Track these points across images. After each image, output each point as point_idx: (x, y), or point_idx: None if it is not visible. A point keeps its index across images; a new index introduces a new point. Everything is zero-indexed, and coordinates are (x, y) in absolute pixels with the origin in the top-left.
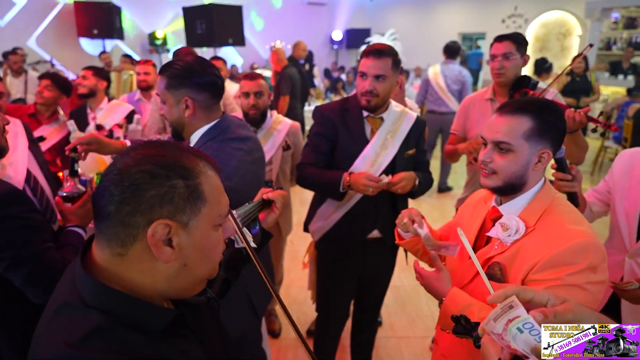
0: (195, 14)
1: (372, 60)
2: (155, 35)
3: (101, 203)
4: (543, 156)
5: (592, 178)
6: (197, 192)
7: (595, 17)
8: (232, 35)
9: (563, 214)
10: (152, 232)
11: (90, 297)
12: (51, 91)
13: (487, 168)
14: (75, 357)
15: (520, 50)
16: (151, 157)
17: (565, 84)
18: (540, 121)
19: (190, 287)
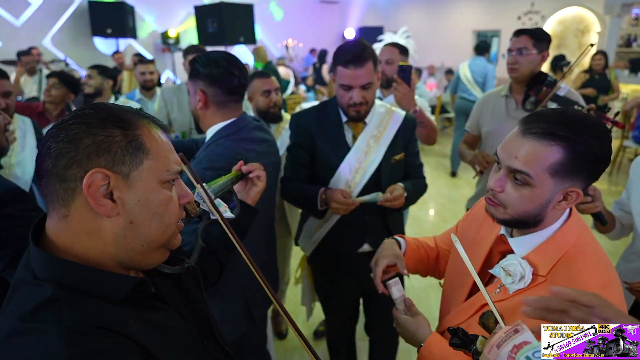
0: (207, 13)
1: (354, 70)
2: (168, 34)
3: (40, 160)
4: (570, 195)
5: (611, 178)
6: (137, 142)
7: (614, 13)
8: (243, 33)
9: (586, 266)
10: (88, 182)
11: (40, 271)
12: (59, 89)
13: (494, 198)
14: (27, 329)
15: (538, 46)
16: (89, 112)
17: (583, 81)
18: (575, 153)
19: (143, 250)
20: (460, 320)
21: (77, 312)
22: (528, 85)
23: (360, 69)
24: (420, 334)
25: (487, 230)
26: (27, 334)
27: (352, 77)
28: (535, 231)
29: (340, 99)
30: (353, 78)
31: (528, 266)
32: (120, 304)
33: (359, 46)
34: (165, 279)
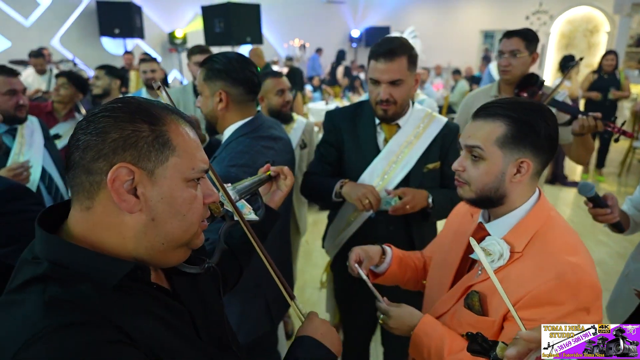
0: (214, 13)
1: (384, 63)
2: (175, 35)
3: (69, 152)
4: (522, 166)
5: (620, 180)
6: (164, 139)
7: (624, 13)
8: (250, 33)
9: (557, 239)
10: (113, 176)
11: (40, 250)
12: (67, 89)
13: (459, 177)
14: (10, 300)
15: (530, 47)
16: (118, 105)
17: (592, 81)
18: (516, 126)
19: (163, 248)
20: (448, 306)
21: (62, 288)
22: (518, 85)
23: (390, 63)
24: (414, 318)
25: (466, 225)
26: (9, 305)
27: (380, 71)
28: (507, 212)
29: (369, 95)
30: (381, 72)
31: (505, 244)
32: (116, 291)
33: (394, 41)
34: (183, 277)
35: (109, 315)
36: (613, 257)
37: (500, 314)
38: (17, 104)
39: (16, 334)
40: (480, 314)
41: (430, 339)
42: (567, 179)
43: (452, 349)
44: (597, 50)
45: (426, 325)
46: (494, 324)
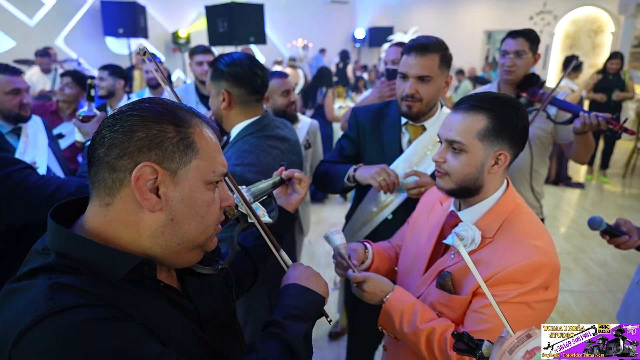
0: (218, 13)
1: (415, 57)
2: (178, 34)
3: (93, 148)
4: (500, 158)
5: (624, 181)
6: (188, 141)
7: (629, 13)
8: (253, 33)
9: (523, 225)
10: (137, 175)
11: (50, 242)
12: (72, 88)
13: (440, 169)
14: (15, 288)
15: (533, 48)
16: (145, 105)
17: (596, 82)
18: (496, 120)
19: (178, 249)
20: (422, 289)
21: (67, 276)
22: (519, 86)
23: (420, 58)
24: (385, 286)
25: (437, 213)
26: (15, 291)
27: (409, 65)
28: (479, 201)
29: (396, 89)
30: (410, 66)
31: (477, 230)
32: (122, 284)
33: (430, 38)
34: (196, 277)
35: (113, 302)
36: (617, 258)
37: (470, 291)
38: (20, 103)
39: (21, 316)
40: (452, 292)
41: (403, 305)
42: (571, 179)
43: (424, 317)
44: (601, 51)
45: (399, 294)
46: (465, 300)
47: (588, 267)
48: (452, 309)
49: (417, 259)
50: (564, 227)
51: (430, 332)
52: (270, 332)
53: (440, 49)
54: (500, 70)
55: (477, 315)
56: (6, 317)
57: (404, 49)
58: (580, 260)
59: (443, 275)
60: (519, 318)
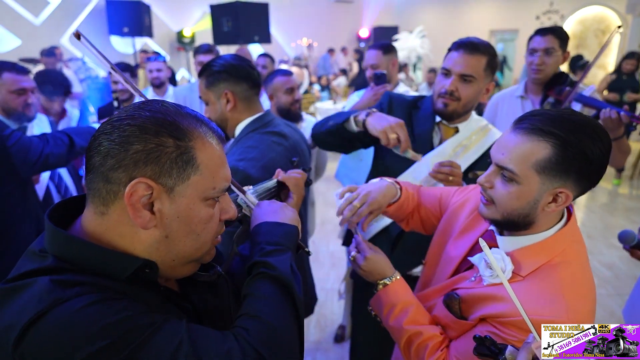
0: (222, 12)
1: (462, 55)
2: (183, 34)
3: (90, 154)
4: (560, 196)
5: (632, 182)
6: (188, 156)
7: (638, 12)
8: (258, 32)
9: (567, 277)
10: (131, 191)
11: (48, 244)
12: None
13: (485, 194)
14: (14, 287)
15: (563, 46)
16: (146, 112)
17: (609, 82)
18: (563, 152)
19: (173, 264)
20: (434, 298)
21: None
22: (547, 85)
23: (467, 56)
24: (387, 269)
25: (477, 220)
26: (14, 290)
27: (455, 61)
28: (526, 234)
29: (435, 85)
30: (456, 62)
31: (510, 263)
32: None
33: (480, 40)
34: (198, 282)
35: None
36: (624, 260)
37: (477, 318)
38: (25, 103)
39: (23, 312)
40: (457, 316)
41: (397, 300)
42: None
43: (414, 320)
44: (609, 51)
45: (400, 286)
46: (469, 326)
47: (595, 269)
48: (454, 330)
49: (445, 262)
50: None
51: (414, 335)
52: (258, 274)
53: (490, 52)
54: (528, 69)
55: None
56: (6, 316)
57: (452, 46)
58: None
59: (451, 296)
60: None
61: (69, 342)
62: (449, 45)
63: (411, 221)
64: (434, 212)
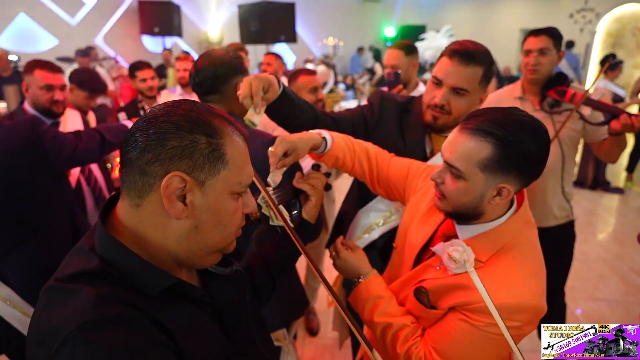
0: (250, 12)
1: (456, 65)
2: (210, 33)
3: (126, 149)
4: (502, 191)
5: None
6: (219, 152)
7: None
8: (284, 32)
9: (519, 259)
10: (167, 183)
11: (98, 245)
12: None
13: (437, 189)
14: (62, 288)
15: (557, 45)
16: (180, 111)
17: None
18: (503, 151)
19: (200, 253)
20: (403, 291)
21: (109, 286)
22: (545, 86)
23: (462, 67)
24: (362, 267)
25: (434, 211)
26: (62, 292)
27: (447, 72)
28: (480, 222)
29: (425, 94)
30: (448, 73)
31: (472, 253)
32: (159, 297)
33: (477, 46)
34: (218, 277)
35: (149, 312)
36: None
37: (447, 307)
38: (52, 99)
39: (69, 319)
40: (427, 306)
41: (369, 294)
42: (610, 184)
43: (384, 312)
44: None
45: (372, 282)
46: (440, 315)
47: (626, 275)
48: (426, 319)
49: (409, 248)
50: (601, 234)
51: (385, 327)
52: None
53: (486, 61)
54: (523, 70)
55: (443, 328)
56: (55, 316)
57: (445, 51)
58: (617, 268)
59: (419, 289)
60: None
61: None
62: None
63: (377, 187)
64: (397, 186)
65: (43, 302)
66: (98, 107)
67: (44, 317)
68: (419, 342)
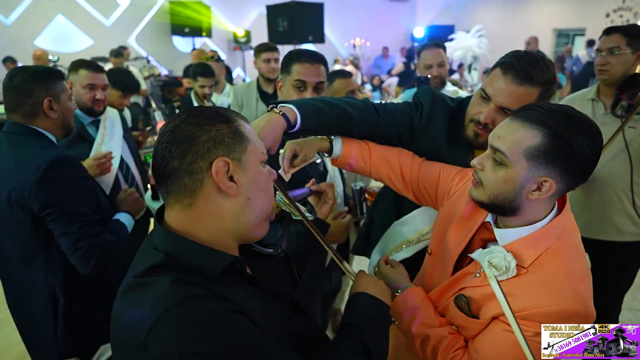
0: (278, 12)
1: (509, 84)
2: (239, 34)
3: (162, 165)
4: (544, 185)
5: None
6: (239, 132)
7: None
8: (312, 32)
9: (566, 263)
10: (216, 170)
11: (158, 242)
12: None
13: (475, 175)
14: (139, 283)
15: (633, 44)
16: (192, 115)
17: None
18: (552, 141)
19: (257, 221)
20: (442, 299)
21: (180, 273)
22: (620, 88)
23: (516, 87)
24: (400, 282)
25: (474, 211)
26: (139, 286)
27: (499, 89)
28: (519, 225)
29: (470, 106)
30: (499, 90)
31: (513, 260)
32: (220, 279)
33: (537, 62)
34: (259, 261)
35: (221, 292)
36: None
37: (488, 317)
38: (93, 98)
39: (155, 306)
40: (468, 315)
41: (406, 306)
42: None
43: (423, 323)
44: None
45: (409, 294)
46: (482, 325)
47: None
48: (469, 330)
49: (446, 258)
50: None
51: (424, 338)
52: (349, 334)
53: (546, 80)
54: (595, 71)
55: (489, 339)
56: (138, 307)
57: (501, 63)
58: None
59: (459, 297)
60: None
61: (191, 335)
62: (507, 45)
63: (404, 191)
64: (428, 191)
65: (124, 300)
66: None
67: (128, 311)
68: (461, 355)
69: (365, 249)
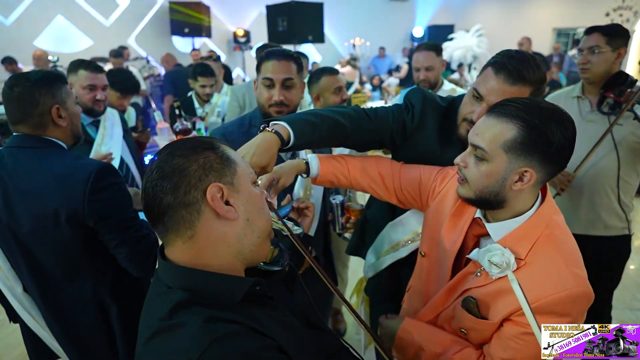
0: (278, 12)
1: (501, 83)
2: (239, 33)
3: (155, 202)
4: (525, 175)
5: None
6: (226, 156)
7: None
8: (311, 32)
9: (559, 248)
10: (211, 196)
11: (170, 280)
12: None
13: (460, 173)
14: (168, 326)
15: (613, 43)
16: (176, 148)
17: None
18: (528, 132)
19: (259, 241)
20: (445, 304)
21: (206, 308)
22: (604, 86)
23: (507, 86)
24: (395, 324)
25: (463, 208)
26: (168, 329)
27: (491, 88)
28: (508, 217)
29: (462, 106)
30: (491, 90)
31: (511, 255)
32: (241, 304)
33: (529, 62)
34: (269, 279)
35: (251, 324)
36: None
37: (500, 318)
38: (94, 99)
39: (189, 350)
40: (478, 316)
41: (412, 337)
42: None
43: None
44: None
45: (410, 328)
46: (494, 326)
47: None
48: (479, 331)
49: (442, 259)
50: None
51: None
52: None
53: (537, 79)
54: (578, 70)
55: (507, 343)
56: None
57: (494, 64)
58: None
59: (467, 300)
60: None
61: None
62: (507, 44)
63: (387, 197)
64: (412, 193)
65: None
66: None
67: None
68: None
69: (360, 250)
